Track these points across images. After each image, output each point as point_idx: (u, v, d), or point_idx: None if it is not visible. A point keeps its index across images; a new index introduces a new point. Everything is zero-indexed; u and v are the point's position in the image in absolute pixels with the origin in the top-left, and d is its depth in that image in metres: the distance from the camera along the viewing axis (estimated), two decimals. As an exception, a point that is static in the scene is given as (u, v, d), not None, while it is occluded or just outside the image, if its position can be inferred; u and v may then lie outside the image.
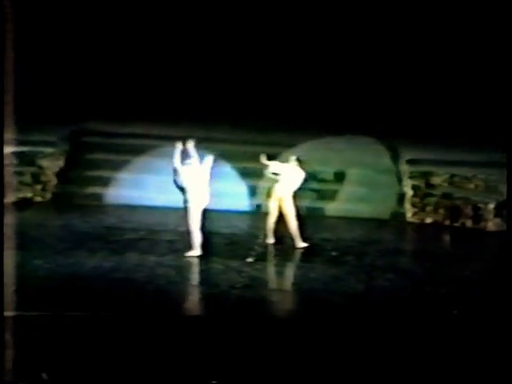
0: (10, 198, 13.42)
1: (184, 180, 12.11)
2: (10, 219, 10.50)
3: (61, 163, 15.92)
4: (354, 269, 12.33)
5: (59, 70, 17.64)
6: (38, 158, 15.67)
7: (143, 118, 17.21)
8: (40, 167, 15.67)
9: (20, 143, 15.17)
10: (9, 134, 11.48)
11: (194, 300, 11.22)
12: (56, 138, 16.25)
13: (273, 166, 13.01)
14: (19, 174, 15.26)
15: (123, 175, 15.80)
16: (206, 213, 12.35)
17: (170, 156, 14.83)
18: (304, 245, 13.01)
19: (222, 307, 10.65)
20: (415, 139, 16.43)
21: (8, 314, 8.94)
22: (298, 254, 12.88)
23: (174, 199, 14.78)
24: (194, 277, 12.02)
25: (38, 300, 10.02)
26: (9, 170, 13.21)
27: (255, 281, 11.77)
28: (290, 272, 12.48)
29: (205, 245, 12.42)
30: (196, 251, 12.34)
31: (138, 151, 16.19)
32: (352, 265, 12.54)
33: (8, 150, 13.75)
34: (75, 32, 17.84)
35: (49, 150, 15.87)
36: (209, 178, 12.21)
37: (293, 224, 12.88)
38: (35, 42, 16.85)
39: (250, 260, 12.42)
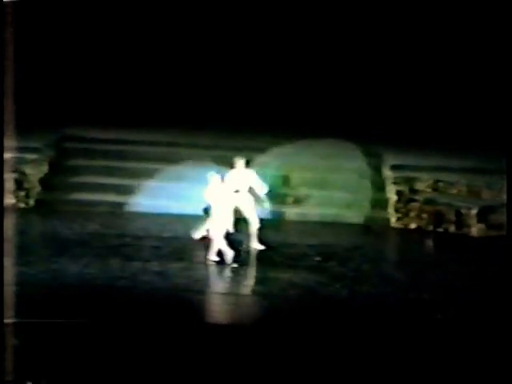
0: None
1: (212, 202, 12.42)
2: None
3: (44, 169, 15.84)
4: (338, 274, 12.30)
5: (43, 76, 17.60)
6: (21, 165, 15.56)
7: (127, 124, 17.18)
8: (23, 173, 15.58)
9: (3, 149, 14.92)
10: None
11: (184, 306, 11.12)
12: (40, 145, 16.19)
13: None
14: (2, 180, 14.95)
15: (108, 181, 15.72)
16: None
17: (155, 160, 14.77)
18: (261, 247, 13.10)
19: (205, 313, 10.75)
20: (399, 145, 16.47)
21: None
22: (282, 259, 12.83)
23: (161, 205, 15.15)
24: (178, 282, 11.95)
25: (21, 307, 9.86)
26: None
27: (238, 286, 11.84)
28: (273, 277, 12.32)
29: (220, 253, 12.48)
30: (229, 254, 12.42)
31: (122, 157, 16.17)
32: (336, 270, 12.51)
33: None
34: (60, 39, 17.84)
35: (32, 156, 15.78)
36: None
37: (254, 221, 13.05)
38: (19, 48, 16.28)
39: (234, 266, 12.43)
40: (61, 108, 17.25)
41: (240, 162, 13.04)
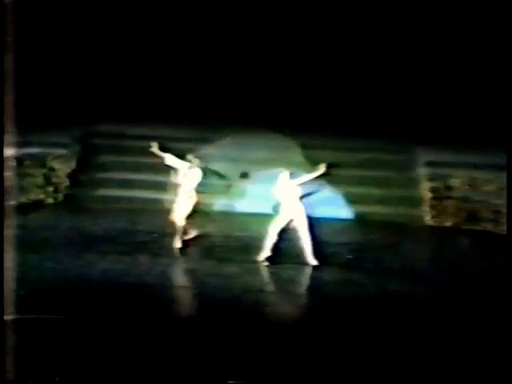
0: (12, 201, 13.09)
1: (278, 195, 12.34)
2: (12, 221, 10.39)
3: (73, 165, 15.89)
4: (370, 273, 12.20)
5: (71, 71, 17.56)
6: (49, 160, 15.65)
7: (155, 120, 17.07)
8: (52, 169, 15.65)
9: (31, 144, 15.23)
10: (12, 136, 11.15)
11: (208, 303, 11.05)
12: (68, 140, 16.24)
13: (169, 158, 12.98)
14: (31, 175, 15.27)
15: (136, 177, 15.73)
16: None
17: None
18: (180, 245, 12.84)
19: (234, 311, 10.56)
20: (433, 141, 16.22)
21: (8, 317, 8.96)
22: (308, 258, 12.53)
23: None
24: (206, 281, 11.85)
25: (46, 303, 10.02)
26: (10, 173, 13.00)
27: (267, 284, 11.80)
28: (303, 275, 12.21)
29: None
30: (266, 252, 12.29)
31: (151, 153, 15.98)
32: (368, 269, 12.39)
33: (18, 151, 13.89)
34: (87, 33, 17.76)
35: (61, 151, 15.84)
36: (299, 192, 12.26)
37: (181, 219, 12.80)
38: (47, 42, 16.86)
39: (265, 264, 12.28)
40: (89, 103, 17.19)
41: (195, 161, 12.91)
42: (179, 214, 12.75)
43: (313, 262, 12.16)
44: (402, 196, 15.50)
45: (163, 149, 13.14)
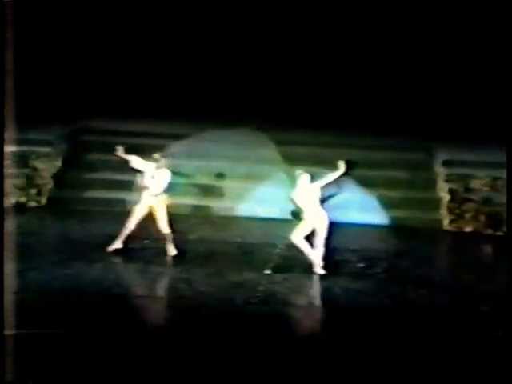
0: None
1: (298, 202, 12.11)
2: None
3: (58, 164, 15.50)
4: (384, 282, 11.81)
5: (57, 64, 17.35)
6: (32, 159, 15.28)
7: (147, 116, 16.81)
8: (35, 169, 15.29)
9: (13, 142, 14.64)
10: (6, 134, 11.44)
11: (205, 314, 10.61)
12: (53, 137, 15.84)
13: (134, 160, 12.63)
14: (11, 176, 14.72)
15: (128, 177, 14.62)
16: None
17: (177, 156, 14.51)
18: (174, 252, 12.55)
19: (234, 324, 10.13)
20: (452, 138, 15.83)
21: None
22: (318, 266, 12.11)
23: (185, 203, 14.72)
24: (203, 290, 11.33)
25: (31, 316, 9.69)
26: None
27: (273, 295, 11.21)
28: (311, 285, 11.83)
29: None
30: (317, 262, 11.90)
31: (142, 151, 15.01)
32: (381, 278, 12.00)
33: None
34: (73, 28, 17.64)
35: (45, 149, 15.45)
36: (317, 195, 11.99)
37: (164, 227, 12.45)
38: (33, 37, 16.56)
39: (267, 272, 11.88)
40: (76, 97, 16.95)
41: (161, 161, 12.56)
42: (159, 222, 12.39)
43: (320, 271, 11.82)
44: (417, 198, 15.11)
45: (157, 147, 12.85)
